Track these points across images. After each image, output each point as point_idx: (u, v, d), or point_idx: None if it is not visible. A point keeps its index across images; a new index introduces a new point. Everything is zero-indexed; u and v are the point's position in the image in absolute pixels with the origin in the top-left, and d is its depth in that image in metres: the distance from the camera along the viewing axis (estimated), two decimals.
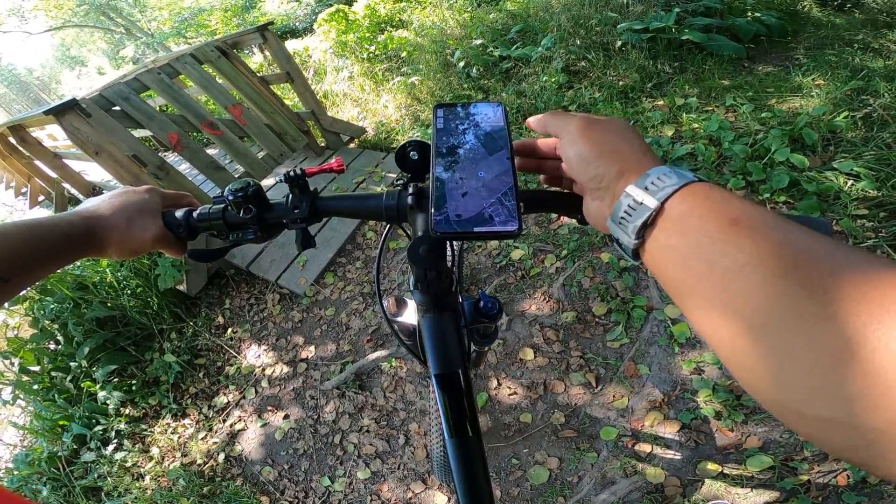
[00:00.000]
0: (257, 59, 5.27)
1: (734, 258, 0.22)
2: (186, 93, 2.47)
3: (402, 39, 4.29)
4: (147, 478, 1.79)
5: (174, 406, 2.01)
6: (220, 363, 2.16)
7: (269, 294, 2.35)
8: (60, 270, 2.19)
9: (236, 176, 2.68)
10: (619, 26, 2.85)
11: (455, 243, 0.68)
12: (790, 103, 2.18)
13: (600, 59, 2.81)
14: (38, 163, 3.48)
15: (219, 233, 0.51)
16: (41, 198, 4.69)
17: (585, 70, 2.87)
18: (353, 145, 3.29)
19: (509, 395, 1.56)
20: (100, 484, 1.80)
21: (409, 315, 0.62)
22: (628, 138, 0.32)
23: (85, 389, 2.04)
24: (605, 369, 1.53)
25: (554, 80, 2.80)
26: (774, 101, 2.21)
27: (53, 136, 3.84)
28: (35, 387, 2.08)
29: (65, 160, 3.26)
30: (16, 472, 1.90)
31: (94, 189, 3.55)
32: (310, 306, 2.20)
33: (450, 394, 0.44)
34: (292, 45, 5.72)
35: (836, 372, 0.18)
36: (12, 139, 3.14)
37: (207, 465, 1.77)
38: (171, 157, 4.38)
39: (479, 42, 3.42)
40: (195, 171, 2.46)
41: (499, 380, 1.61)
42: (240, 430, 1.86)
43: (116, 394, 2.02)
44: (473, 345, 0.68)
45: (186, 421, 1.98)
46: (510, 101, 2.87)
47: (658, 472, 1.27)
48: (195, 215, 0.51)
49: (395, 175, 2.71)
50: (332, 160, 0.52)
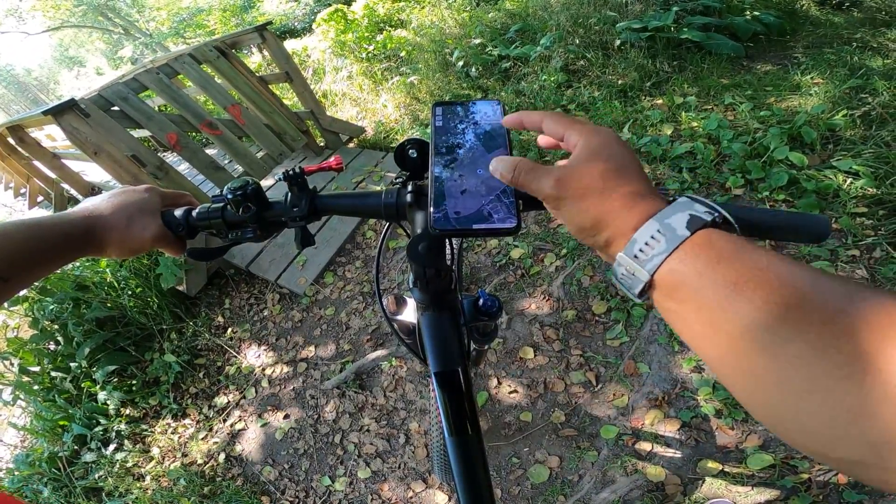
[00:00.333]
0: (256, 59, 5.26)
1: (735, 324, 0.22)
2: (185, 93, 2.46)
3: (401, 39, 4.28)
4: (147, 478, 1.79)
5: (174, 406, 2.01)
6: (220, 363, 2.16)
7: (268, 294, 2.35)
8: (60, 270, 2.20)
9: (235, 176, 2.68)
10: (618, 25, 2.85)
11: (454, 241, 0.68)
12: (789, 102, 2.18)
13: (599, 58, 2.81)
14: (37, 163, 3.47)
15: (218, 232, 0.51)
16: (40, 198, 4.68)
17: (584, 69, 2.87)
18: (352, 145, 3.29)
19: (509, 393, 1.56)
20: (100, 484, 1.80)
21: (409, 313, 0.62)
22: (610, 184, 0.29)
23: (85, 390, 2.04)
24: (605, 368, 1.53)
25: (553, 79, 2.80)
26: (773, 99, 2.22)
27: (52, 136, 3.83)
28: (35, 387, 2.08)
29: (64, 160, 3.24)
30: (16, 472, 1.90)
31: (94, 189, 3.54)
32: (309, 306, 2.20)
33: (450, 392, 0.44)
34: (291, 44, 5.70)
35: (858, 424, 0.18)
36: (11, 140, 3.13)
37: (208, 465, 1.77)
38: (170, 157, 4.37)
39: (478, 41, 3.42)
40: (194, 171, 2.45)
41: (499, 378, 1.61)
42: (240, 430, 1.86)
43: (117, 394, 2.02)
44: (473, 343, 0.68)
45: (187, 421, 1.98)
46: (509, 100, 2.87)
47: (658, 470, 1.27)
48: (194, 214, 0.51)
49: (395, 174, 2.71)
50: (331, 158, 0.53)
